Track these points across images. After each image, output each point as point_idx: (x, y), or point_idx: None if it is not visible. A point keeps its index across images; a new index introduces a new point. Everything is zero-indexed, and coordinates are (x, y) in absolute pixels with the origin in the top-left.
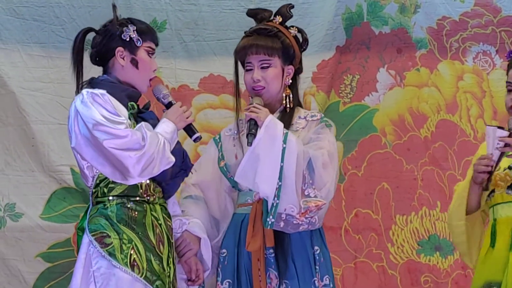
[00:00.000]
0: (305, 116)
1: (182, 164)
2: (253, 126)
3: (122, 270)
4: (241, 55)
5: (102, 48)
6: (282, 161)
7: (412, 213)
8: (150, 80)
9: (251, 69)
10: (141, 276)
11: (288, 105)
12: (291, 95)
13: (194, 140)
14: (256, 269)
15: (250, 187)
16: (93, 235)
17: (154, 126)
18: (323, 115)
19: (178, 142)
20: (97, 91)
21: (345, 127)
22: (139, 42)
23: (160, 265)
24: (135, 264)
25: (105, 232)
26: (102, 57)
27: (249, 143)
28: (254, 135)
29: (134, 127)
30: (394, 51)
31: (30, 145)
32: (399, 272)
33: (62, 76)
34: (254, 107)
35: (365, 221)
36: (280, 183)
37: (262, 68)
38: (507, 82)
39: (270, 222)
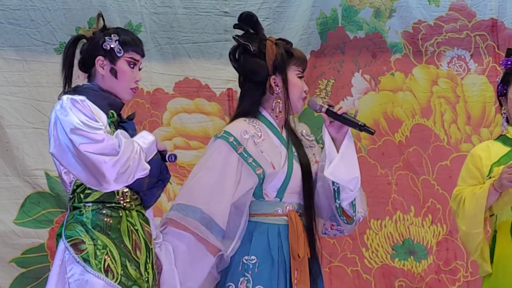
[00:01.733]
0: (301, 133)
1: (160, 175)
2: (355, 119)
3: (96, 275)
4: (304, 64)
5: (85, 55)
6: None
7: (386, 217)
8: (132, 89)
9: (302, 77)
10: (115, 282)
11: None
12: None
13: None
14: (294, 278)
15: (344, 182)
16: (68, 242)
17: (132, 136)
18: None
19: (156, 153)
20: (77, 97)
21: (321, 131)
22: (120, 53)
23: (137, 270)
24: (109, 269)
25: (80, 238)
26: (86, 64)
27: (370, 132)
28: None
29: (113, 135)
30: (369, 56)
31: (5, 149)
32: (374, 276)
33: (37, 79)
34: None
35: None
36: None
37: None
38: None
39: (355, 220)
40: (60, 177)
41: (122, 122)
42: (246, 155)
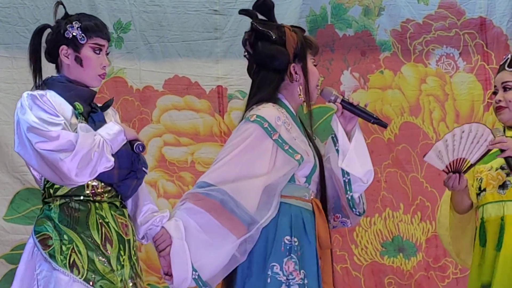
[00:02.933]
0: None
1: (131, 166)
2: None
3: (61, 271)
4: (317, 53)
5: (49, 46)
6: None
7: (376, 214)
8: (99, 75)
9: (316, 65)
10: (81, 277)
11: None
12: None
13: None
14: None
15: (359, 174)
16: (37, 237)
17: (100, 127)
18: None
19: (125, 144)
20: (36, 92)
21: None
22: (83, 39)
23: (106, 265)
24: (75, 265)
25: (47, 234)
26: (51, 55)
27: (383, 125)
28: None
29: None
30: (358, 54)
31: None
32: (363, 273)
33: (27, 76)
34: None
35: None
36: None
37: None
38: (494, 86)
39: (363, 210)
40: (32, 173)
41: (93, 112)
42: (281, 142)
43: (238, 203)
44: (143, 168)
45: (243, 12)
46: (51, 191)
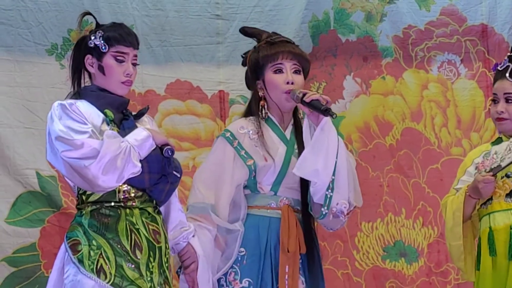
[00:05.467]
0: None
1: (162, 170)
2: (319, 104)
3: (87, 276)
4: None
5: (77, 56)
6: (336, 157)
7: (378, 219)
8: (123, 83)
9: (280, 70)
10: (107, 282)
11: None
12: None
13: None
14: (284, 272)
15: (307, 176)
16: (68, 243)
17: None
18: None
19: (155, 149)
20: (66, 102)
21: None
22: (104, 48)
23: (136, 271)
24: (102, 270)
25: (77, 239)
26: (83, 65)
27: (331, 115)
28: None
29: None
30: (360, 59)
31: None
32: (365, 278)
33: (28, 80)
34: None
35: None
36: (333, 177)
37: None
38: (493, 93)
39: (324, 213)
40: (62, 179)
41: (125, 120)
42: (239, 148)
43: (219, 213)
44: (175, 172)
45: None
46: (84, 197)
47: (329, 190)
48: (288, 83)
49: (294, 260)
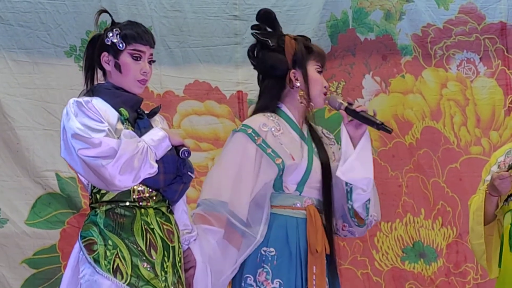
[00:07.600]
0: (321, 131)
1: (177, 171)
2: (373, 117)
3: (104, 276)
4: (323, 60)
5: (91, 53)
6: None
7: (396, 220)
8: (139, 81)
9: (321, 72)
10: (124, 282)
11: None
12: None
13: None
14: (312, 273)
15: (356, 182)
16: (83, 242)
17: (145, 133)
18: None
19: (171, 149)
20: (82, 99)
21: (332, 132)
22: (121, 46)
23: (151, 270)
24: (118, 270)
25: (93, 239)
26: (98, 63)
27: (388, 130)
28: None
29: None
30: (379, 58)
31: (15, 150)
32: (384, 279)
33: (48, 82)
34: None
35: None
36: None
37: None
38: None
39: (369, 220)
40: (79, 179)
41: (139, 119)
42: (265, 146)
43: (235, 213)
44: (189, 173)
45: (254, 27)
46: (98, 196)
47: (368, 201)
48: (325, 87)
49: (321, 261)
